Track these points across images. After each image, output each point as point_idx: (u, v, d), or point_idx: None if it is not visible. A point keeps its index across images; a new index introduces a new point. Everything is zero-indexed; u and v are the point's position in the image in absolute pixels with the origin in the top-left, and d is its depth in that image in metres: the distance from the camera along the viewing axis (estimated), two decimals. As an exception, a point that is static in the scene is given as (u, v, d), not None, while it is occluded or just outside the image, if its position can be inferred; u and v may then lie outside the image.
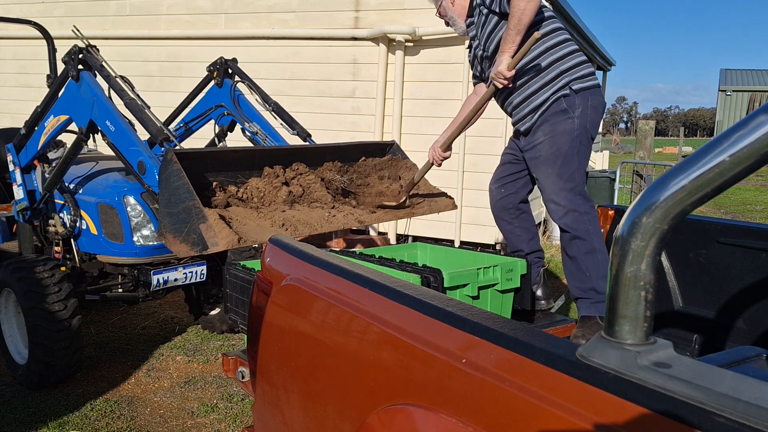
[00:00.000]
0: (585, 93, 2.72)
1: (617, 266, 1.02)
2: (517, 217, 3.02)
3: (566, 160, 2.71)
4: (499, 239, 6.27)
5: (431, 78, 6.39)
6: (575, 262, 2.69)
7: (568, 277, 2.78)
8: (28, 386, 3.80)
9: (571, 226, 2.65)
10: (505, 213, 3.02)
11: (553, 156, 2.72)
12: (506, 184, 3.02)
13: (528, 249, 2.99)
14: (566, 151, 2.71)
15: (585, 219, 2.65)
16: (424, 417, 1.26)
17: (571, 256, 2.71)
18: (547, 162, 2.74)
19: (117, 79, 3.59)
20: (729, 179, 0.93)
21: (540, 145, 2.77)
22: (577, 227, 2.64)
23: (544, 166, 2.76)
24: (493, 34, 2.81)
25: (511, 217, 3.01)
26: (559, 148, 2.71)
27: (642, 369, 0.97)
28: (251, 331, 1.93)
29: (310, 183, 3.08)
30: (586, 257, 2.64)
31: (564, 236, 2.73)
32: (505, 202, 3.01)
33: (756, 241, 2.39)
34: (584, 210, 2.67)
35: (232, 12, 7.14)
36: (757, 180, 18.64)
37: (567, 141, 2.72)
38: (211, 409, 3.64)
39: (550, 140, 2.74)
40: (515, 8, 2.62)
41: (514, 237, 3.03)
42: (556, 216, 2.72)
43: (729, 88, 39.13)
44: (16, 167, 4.24)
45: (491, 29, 2.82)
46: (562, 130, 2.72)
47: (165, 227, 2.65)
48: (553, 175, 2.72)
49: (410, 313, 1.36)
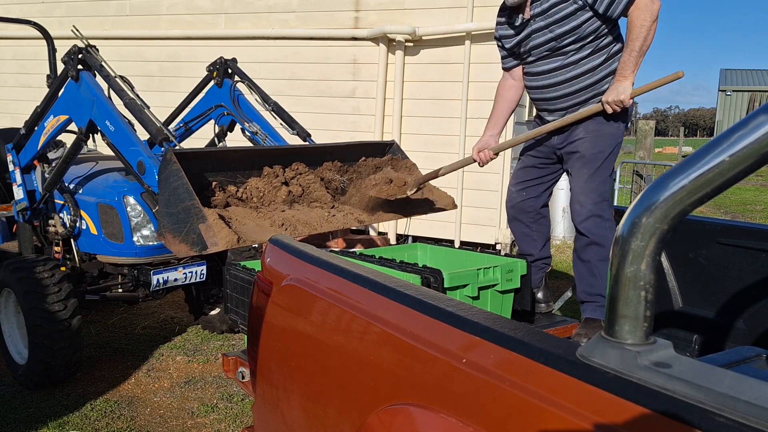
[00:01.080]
0: (631, 101, 2.64)
1: (617, 266, 1.02)
2: (536, 221, 2.94)
3: (605, 163, 2.65)
4: (499, 239, 6.27)
5: (431, 78, 6.39)
6: (588, 267, 2.65)
7: (577, 279, 2.74)
8: (28, 386, 3.80)
9: (592, 230, 2.61)
10: (523, 215, 2.94)
11: (593, 156, 2.65)
12: (528, 188, 2.93)
13: (539, 255, 2.94)
14: (607, 155, 2.65)
15: (606, 226, 2.61)
16: (424, 417, 1.26)
17: (585, 260, 2.66)
18: (584, 161, 2.66)
19: (116, 79, 3.59)
20: (729, 179, 0.93)
21: (580, 142, 2.68)
22: (597, 233, 2.60)
23: (579, 164, 2.68)
24: (567, 20, 2.62)
25: (529, 220, 2.94)
26: (601, 151, 2.65)
27: (642, 369, 0.97)
28: (251, 331, 1.93)
29: (309, 183, 3.08)
30: (600, 264, 2.60)
31: (581, 240, 2.67)
32: (525, 205, 2.93)
33: (756, 241, 2.39)
34: (607, 216, 2.63)
35: (232, 12, 7.14)
36: (757, 180, 18.63)
37: (610, 145, 2.66)
38: (211, 409, 3.64)
39: (592, 140, 2.66)
40: (640, 27, 2.45)
41: (529, 241, 2.96)
42: (579, 218, 2.65)
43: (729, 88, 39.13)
44: (16, 167, 4.24)
45: (568, 13, 2.60)
46: (608, 133, 2.66)
47: (164, 227, 2.65)
48: (587, 175, 2.65)
49: (410, 313, 1.36)
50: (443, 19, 6.22)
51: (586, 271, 2.66)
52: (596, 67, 2.68)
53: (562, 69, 2.72)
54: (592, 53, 2.68)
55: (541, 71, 2.78)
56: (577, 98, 2.72)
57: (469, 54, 6.15)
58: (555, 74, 2.74)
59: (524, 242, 2.98)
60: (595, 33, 2.64)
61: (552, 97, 2.78)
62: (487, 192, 6.14)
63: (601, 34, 2.65)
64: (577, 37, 2.64)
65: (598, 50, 2.68)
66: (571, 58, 2.68)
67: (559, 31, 2.65)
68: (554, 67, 2.73)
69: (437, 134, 6.41)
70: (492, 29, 5.93)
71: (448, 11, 6.23)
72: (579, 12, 2.60)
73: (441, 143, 6.36)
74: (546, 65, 2.75)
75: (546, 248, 2.99)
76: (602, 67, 2.69)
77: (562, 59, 2.70)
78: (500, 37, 2.95)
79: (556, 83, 2.75)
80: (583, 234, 2.65)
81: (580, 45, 2.66)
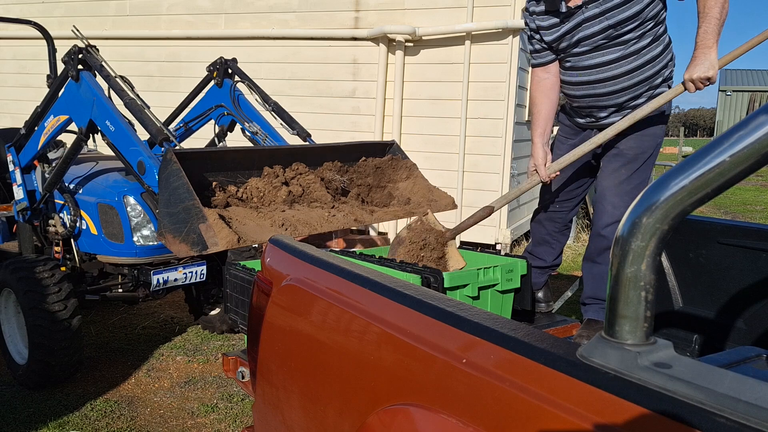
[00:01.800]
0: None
1: (617, 266, 1.02)
2: (560, 231, 2.88)
3: (645, 165, 2.50)
4: (499, 239, 6.27)
5: (431, 78, 6.39)
6: (601, 271, 2.56)
7: (586, 281, 2.67)
8: (28, 386, 3.80)
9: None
10: (550, 224, 2.86)
11: (634, 156, 2.50)
12: (564, 202, 2.81)
13: (551, 263, 2.90)
14: (649, 156, 2.50)
15: None
16: (424, 417, 1.26)
17: (599, 264, 2.57)
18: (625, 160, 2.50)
19: (117, 79, 3.59)
20: (729, 179, 0.93)
21: (623, 140, 2.50)
22: None
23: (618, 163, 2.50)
24: (627, 5, 2.38)
25: (555, 230, 2.86)
26: (644, 151, 2.50)
27: (642, 369, 0.97)
28: (251, 331, 1.93)
29: (309, 183, 3.08)
30: None
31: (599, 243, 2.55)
32: (556, 216, 2.85)
33: (756, 241, 2.38)
34: None
35: (232, 12, 7.14)
36: (757, 180, 18.63)
37: (652, 145, 2.51)
38: (211, 409, 3.64)
39: (637, 138, 2.49)
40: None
41: (546, 248, 2.89)
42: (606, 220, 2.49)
43: (729, 88, 39.12)
44: (16, 167, 4.24)
45: (632, 13, 2.39)
46: (653, 133, 2.51)
47: (165, 227, 2.65)
48: (625, 176, 2.50)
49: (410, 313, 1.36)
50: (443, 19, 6.22)
51: (599, 275, 2.59)
52: (656, 57, 2.49)
53: (621, 60, 2.47)
54: (652, 42, 2.47)
55: (594, 64, 2.52)
56: (634, 92, 2.53)
57: (469, 54, 6.15)
58: (613, 66, 2.49)
59: (541, 248, 2.91)
60: (655, 19, 2.44)
61: (606, 93, 2.55)
62: (488, 192, 6.14)
63: (660, 20, 2.47)
64: (638, 24, 2.39)
65: (657, 39, 2.48)
66: (633, 48, 2.45)
67: (619, 17, 2.39)
68: (612, 59, 2.48)
69: (437, 134, 6.41)
70: (492, 29, 6.01)
71: (448, 11, 6.23)
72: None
73: (441, 143, 6.37)
74: (601, 57, 2.50)
75: (559, 258, 2.93)
76: (661, 58, 2.51)
77: (622, 49, 2.46)
78: (537, 28, 2.60)
79: (613, 77, 2.50)
80: (603, 237, 2.52)
81: (641, 33, 2.42)
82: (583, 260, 2.74)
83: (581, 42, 2.51)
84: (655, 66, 2.52)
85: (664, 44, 2.54)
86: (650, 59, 2.50)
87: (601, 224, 2.55)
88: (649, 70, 2.51)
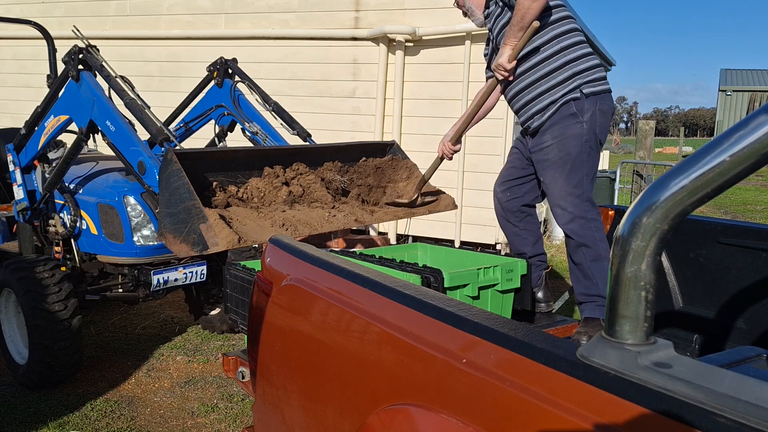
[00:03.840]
0: (595, 97, 2.67)
1: (617, 266, 1.02)
2: (522, 219, 2.97)
3: (575, 165, 2.65)
4: (499, 239, 6.27)
5: (431, 78, 6.39)
6: (581, 269, 2.65)
7: (574, 282, 2.74)
8: (28, 386, 3.80)
9: (578, 232, 2.61)
10: (509, 215, 2.97)
11: (561, 161, 2.67)
12: (512, 188, 2.96)
13: (531, 252, 2.95)
14: (575, 157, 2.65)
15: (591, 226, 2.61)
16: (424, 417, 1.26)
17: (577, 263, 2.66)
18: (555, 166, 2.69)
19: (117, 79, 3.59)
20: (729, 179, 0.93)
21: (548, 149, 2.71)
22: (584, 234, 2.60)
23: (551, 171, 2.70)
24: (506, 28, 2.74)
25: (516, 219, 2.97)
26: (568, 153, 2.66)
27: (642, 369, 0.97)
28: (251, 331, 1.93)
29: (310, 183, 3.08)
30: (593, 264, 2.60)
31: (570, 242, 2.68)
32: (510, 205, 2.96)
33: (756, 241, 2.39)
34: (591, 217, 2.62)
35: (232, 12, 7.14)
36: (757, 180, 18.63)
37: (576, 146, 2.66)
38: (211, 409, 3.64)
39: (558, 144, 2.68)
40: (520, 5, 2.60)
41: (519, 240, 2.98)
42: (562, 221, 2.67)
43: (729, 88, 39.12)
44: (17, 167, 4.24)
45: (504, 23, 2.77)
46: (571, 135, 2.66)
47: (165, 227, 2.65)
48: (561, 180, 2.66)
49: (410, 313, 1.36)
50: (443, 19, 6.22)
51: (581, 273, 2.66)
52: (543, 59, 2.75)
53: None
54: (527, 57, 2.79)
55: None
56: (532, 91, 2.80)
57: (469, 54, 6.15)
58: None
59: (515, 241, 3.01)
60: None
61: (512, 100, 2.90)
62: (488, 192, 6.11)
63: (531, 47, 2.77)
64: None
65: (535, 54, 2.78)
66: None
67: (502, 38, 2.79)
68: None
69: (437, 134, 6.35)
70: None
71: (448, 11, 6.22)
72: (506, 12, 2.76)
73: (441, 143, 6.36)
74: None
75: (538, 245, 2.99)
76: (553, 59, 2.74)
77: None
78: (485, 55, 3.12)
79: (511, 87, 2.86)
80: (570, 237, 2.66)
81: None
82: (568, 262, 2.80)
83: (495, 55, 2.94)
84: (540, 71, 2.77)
85: (550, 52, 2.75)
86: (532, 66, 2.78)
87: (561, 225, 2.70)
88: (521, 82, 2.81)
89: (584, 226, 2.61)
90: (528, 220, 2.98)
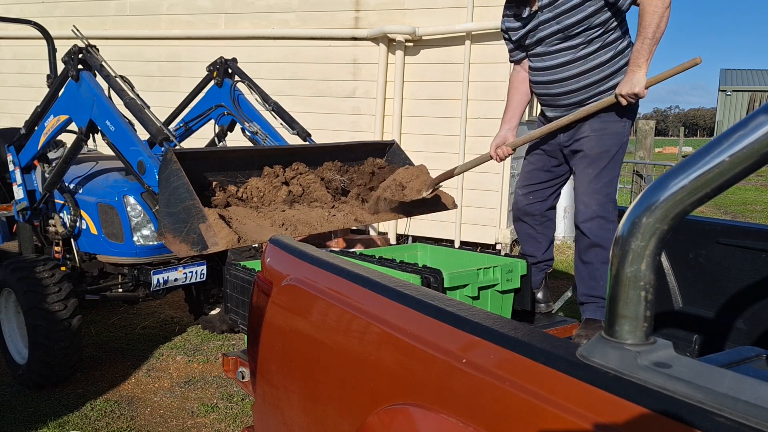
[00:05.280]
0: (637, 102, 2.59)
1: (617, 266, 1.02)
2: (542, 224, 2.90)
3: (610, 163, 2.59)
4: (499, 239, 6.27)
5: (431, 78, 6.39)
6: (589, 269, 2.61)
7: (578, 281, 2.71)
8: (28, 386, 3.80)
9: (595, 232, 2.56)
10: (528, 218, 2.90)
11: (598, 156, 2.60)
12: (535, 192, 2.88)
13: (542, 257, 2.91)
14: (613, 155, 2.59)
15: (610, 228, 2.56)
16: (424, 417, 1.26)
17: (586, 262, 2.62)
18: (590, 160, 2.61)
19: (117, 78, 3.59)
20: (729, 179, 0.93)
21: (585, 140, 2.62)
22: (600, 235, 2.56)
23: (584, 164, 2.62)
24: (576, 11, 2.54)
25: (535, 223, 2.90)
26: (607, 150, 2.59)
27: (642, 369, 0.97)
28: (251, 331, 1.93)
29: (309, 183, 3.08)
30: (602, 266, 2.57)
31: (582, 241, 2.62)
32: (531, 208, 2.89)
33: (756, 241, 2.39)
34: (611, 218, 2.58)
35: (232, 12, 7.14)
36: (757, 180, 18.63)
37: (615, 144, 2.60)
38: (211, 409, 3.64)
39: (598, 138, 2.60)
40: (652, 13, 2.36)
41: (533, 243, 2.92)
42: (582, 218, 2.59)
43: (729, 88, 39.11)
44: (16, 167, 4.24)
45: (576, 4, 2.53)
46: (613, 132, 2.59)
47: (165, 227, 2.65)
48: (592, 175, 2.59)
49: (410, 313, 1.36)
50: (443, 19, 6.22)
51: (588, 273, 2.63)
52: (604, 63, 2.62)
53: (570, 64, 2.64)
54: (600, 48, 2.61)
55: (547, 66, 2.71)
56: (583, 95, 2.67)
57: (469, 54, 6.15)
58: (562, 69, 2.67)
59: (528, 244, 2.94)
60: (603, 26, 2.57)
61: (557, 93, 2.71)
62: (487, 192, 6.14)
63: (610, 28, 2.59)
64: (585, 29, 2.56)
65: (606, 45, 2.61)
66: (581, 53, 2.62)
67: (566, 22, 2.57)
68: (562, 62, 2.66)
69: (437, 134, 6.41)
70: (492, 29, 6.01)
71: (448, 11, 6.23)
72: (588, 2, 2.52)
73: (441, 143, 6.37)
74: (554, 60, 2.68)
75: (549, 251, 2.95)
76: (610, 64, 2.62)
77: (571, 53, 2.63)
78: (507, 29, 2.85)
79: (562, 79, 2.67)
80: (585, 235, 2.60)
81: (589, 38, 2.59)
82: (574, 260, 2.76)
83: (538, 43, 2.71)
84: (603, 71, 2.63)
85: (614, 52, 2.63)
86: (598, 64, 2.62)
87: (578, 222, 2.64)
88: (596, 75, 2.63)
89: (602, 227, 2.57)
90: (547, 224, 2.92)
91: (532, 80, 2.83)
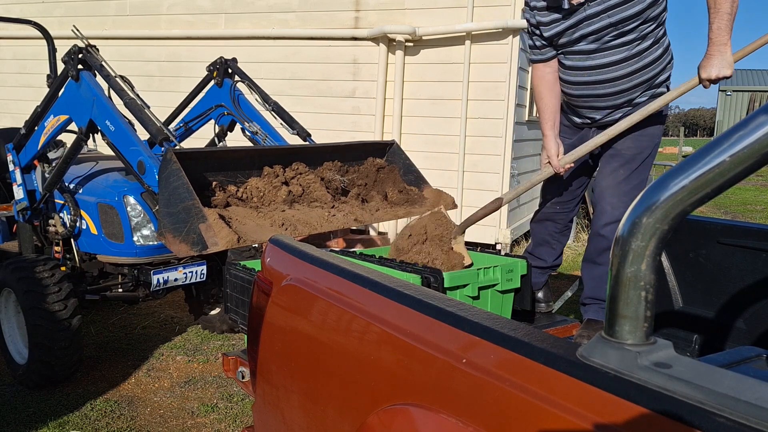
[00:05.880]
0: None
1: (617, 266, 1.03)
2: (561, 232, 2.87)
3: (642, 165, 2.50)
4: (499, 239, 6.27)
5: (431, 78, 6.39)
6: (601, 272, 2.56)
7: (586, 281, 2.67)
8: (28, 386, 3.80)
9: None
10: (551, 225, 2.85)
11: (632, 157, 2.49)
12: (564, 203, 2.80)
13: (551, 263, 2.89)
14: (646, 156, 2.50)
15: None
16: (424, 417, 1.26)
17: (600, 264, 2.56)
18: (624, 160, 2.49)
19: (117, 78, 3.59)
20: (729, 179, 0.93)
21: (621, 140, 2.49)
22: None
23: (616, 163, 2.50)
24: (630, 3, 2.34)
25: (555, 230, 2.85)
26: (642, 151, 2.50)
27: (642, 369, 0.97)
28: (251, 331, 1.93)
29: (309, 183, 3.08)
30: None
31: (599, 243, 2.54)
32: (557, 216, 2.83)
33: (756, 241, 2.38)
34: None
35: (232, 12, 7.14)
36: (757, 180, 18.63)
37: (650, 146, 2.51)
38: (211, 409, 3.64)
39: (635, 138, 2.48)
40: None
41: (547, 248, 2.88)
42: (605, 220, 2.49)
43: (729, 88, 39.09)
44: (16, 167, 4.24)
45: (634, 13, 2.36)
46: (650, 133, 2.50)
47: (165, 227, 2.65)
48: (623, 176, 2.50)
49: (410, 313, 1.36)
50: (443, 19, 6.22)
51: (599, 275, 2.58)
52: (657, 59, 2.47)
53: (626, 62, 2.44)
54: (653, 44, 2.45)
55: (598, 65, 2.49)
56: (633, 93, 2.51)
57: (469, 54, 6.15)
58: (618, 68, 2.46)
59: (543, 248, 2.90)
60: (656, 20, 2.41)
61: (605, 93, 2.52)
62: (487, 192, 6.13)
63: (661, 22, 2.44)
64: (639, 24, 2.36)
65: (657, 41, 2.46)
66: (636, 49, 2.42)
67: (620, 16, 2.36)
68: (617, 60, 2.45)
69: (437, 134, 6.41)
70: (492, 29, 6.01)
71: (448, 11, 6.23)
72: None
73: (441, 143, 6.37)
74: (604, 58, 2.47)
75: (560, 258, 2.93)
76: (661, 60, 2.49)
77: (627, 50, 2.42)
78: (538, 24, 2.56)
79: (615, 78, 2.48)
80: (602, 237, 2.52)
81: (643, 34, 2.39)
82: (583, 260, 2.73)
83: (582, 39, 2.48)
84: (656, 68, 2.51)
85: (664, 47, 2.53)
86: (651, 61, 2.49)
87: (600, 224, 2.55)
88: (649, 72, 2.50)
89: None
90: (565, 233, 2.89)
91: (568, 80, 2.60)
